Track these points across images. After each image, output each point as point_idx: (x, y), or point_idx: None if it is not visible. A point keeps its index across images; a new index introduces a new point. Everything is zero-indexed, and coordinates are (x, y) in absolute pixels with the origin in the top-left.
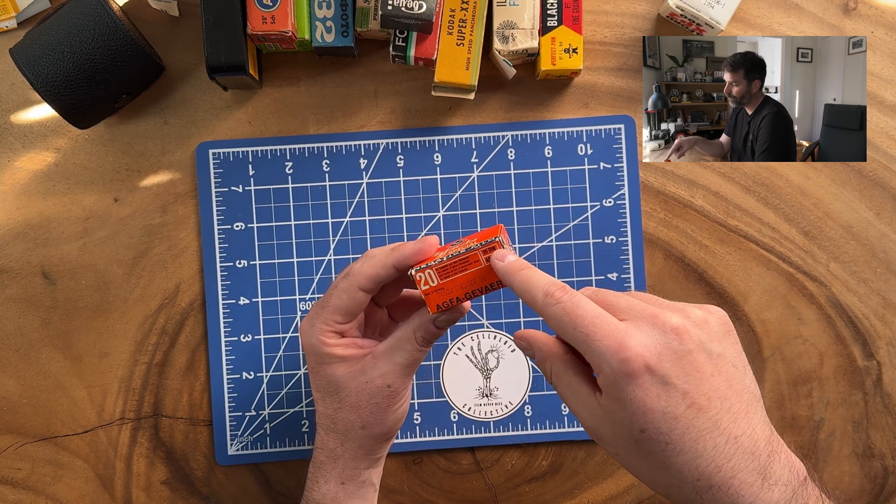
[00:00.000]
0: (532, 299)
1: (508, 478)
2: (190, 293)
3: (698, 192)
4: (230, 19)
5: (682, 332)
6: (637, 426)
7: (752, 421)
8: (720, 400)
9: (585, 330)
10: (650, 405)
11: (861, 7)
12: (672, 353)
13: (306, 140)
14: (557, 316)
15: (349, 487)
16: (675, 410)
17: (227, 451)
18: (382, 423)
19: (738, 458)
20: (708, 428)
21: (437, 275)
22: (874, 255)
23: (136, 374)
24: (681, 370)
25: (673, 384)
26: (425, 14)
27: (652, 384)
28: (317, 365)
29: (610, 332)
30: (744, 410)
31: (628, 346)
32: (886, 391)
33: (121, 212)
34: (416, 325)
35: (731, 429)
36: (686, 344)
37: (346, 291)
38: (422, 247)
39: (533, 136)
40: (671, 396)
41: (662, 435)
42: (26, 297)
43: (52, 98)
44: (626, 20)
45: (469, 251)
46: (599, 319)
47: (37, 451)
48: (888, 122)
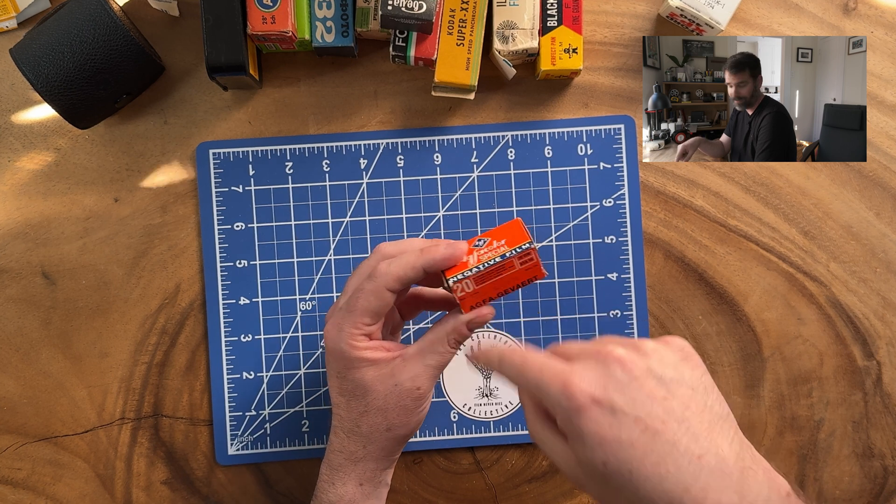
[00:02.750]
0: (493, 366)
1: (508, 478)
2: (190, 293)
3: (698, 192)
4: (230, 19)
5: (625, 362)
6: (599, 460)
7: (715, 440)
8: (676, 422)
9: (534, 377)
10: (604, 435)
11: (861, 7)
12: (617, 383)
13: (306, 140)
14: (512, 373)
15: (367, 488)
16: (630, 437)
17: (227, 451)
18: (407, 425)
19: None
20: (667, 451)
21: (475, 283)
22: (874, 255)
23: (136, 374)
24: (628, 397)
25: (622, 411)
26: (425, 14)
27: (601, 415)
28: (344, 370)
29: (555, 374)
30: (705, 430)
31: (572, 382)
32: (886, 391)
33: (121, 212)
34: (449, 328)
35: (691, 448)
36: (631, 372)
37: (374, 293)
38: (454, 252)
39: (533, 136)
40: (623, 424)
41: (624, 464)
42: (26, 297)
43: (53, 98)
44: (626, 20)
45: (504, 259)
46: (546, 365)
47: (37, 451)
48: (888, 122)
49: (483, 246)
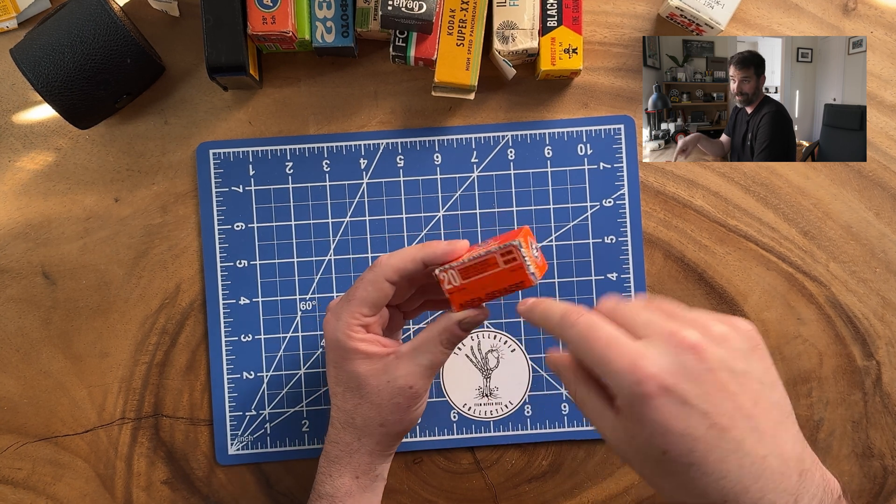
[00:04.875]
0: (551, 327)
1: (508, 477)
2: (190, 293)
3: (698, 192)
4: (230, 19)
5: (700, 350)
6: (658, 447)
7: (779, 440)
8: (744, 419)
9: (600, 352)
10: (669, 426)
11: (861, 7)
12: (689, 373)
13: (306, 140)
14: (573, 340)
15: (363, 481)
16: (696, 431)
17: (228, 451)
18: (401, 422)
19: (765, 478)
20: (732, 448)
21: (460, 275)
22: (874, 255)
23: (136, 374)
24: (700, 390)
25: (692, 404)
26: (425, 14)
27: (669, 405)
28: (340, 360)
29: (623, 353)
30: (771, 429)
31: (642, 367)
32: (886, 391)
33: (121, 212)
34: (441, 327)
35: (756, 449)
36: (706, 362)
37: (373, 283)
38: (453, 248)
39: (533, 136)
40: (691, 417)
41: (684, 456)
42: (27, 297)
43: (53, 98)
44: (626, 20)
45: (488, 254)
46: (613, 341)
47: (37, 450)
48: (888, 122)
49: (480, 245)
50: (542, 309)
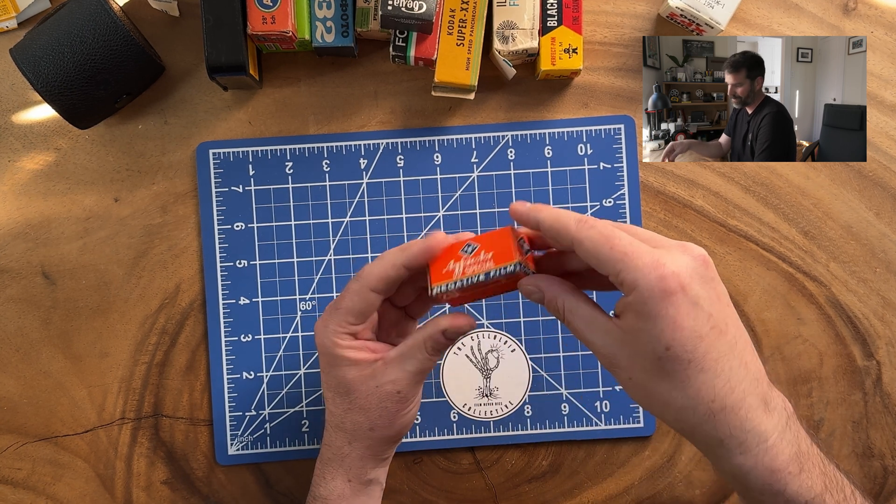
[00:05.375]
0: (564, 227)
1: (508, 478)
2: (190, 293)
3: (698, 192)
4: (230, 19)
5: (707, 262)
6: (663, 344)
7: (754, 351)
8: (735, 327)
9: (623, 249)
10: (680, 323)
11: (861, 7)
12: (700, 278)
13: (306, 140)
14: (594, 238)
15: (356, 485)
16: (701, 330)
17: (228, 451)
18: (391, 427)
19: (747, 382)
20: (726, 350)
21: (459, 294)
22: (874, 255)
23: (136, 374)
24: (707, 294)
25: (701, 306)
26: (425, 14)
27: (684, 303)
28: (328, 366)
29: (646, 252)
30: (748, 341)
31: (665, 264)
32: (886, 391)
33: (121, 212)
34: (426, 334)
35: (743, 354)
36: (710, 272)
37: (358, 293)
38: (430, 244)
39: (533, 136)
40: (699, 316)
41: (687, 353)
42: (27, 297)
43: (53, 98)
44: (626, 20)
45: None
46: (635, 243)
47: (37, 450)
48: (888, 122)
49: (470, 255)
50: (552, 212)
